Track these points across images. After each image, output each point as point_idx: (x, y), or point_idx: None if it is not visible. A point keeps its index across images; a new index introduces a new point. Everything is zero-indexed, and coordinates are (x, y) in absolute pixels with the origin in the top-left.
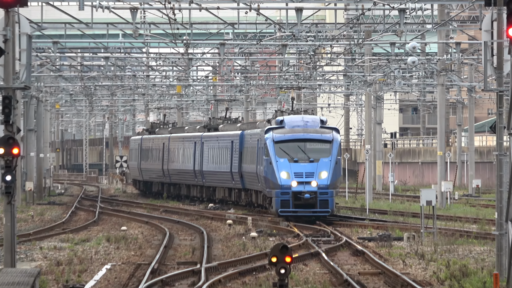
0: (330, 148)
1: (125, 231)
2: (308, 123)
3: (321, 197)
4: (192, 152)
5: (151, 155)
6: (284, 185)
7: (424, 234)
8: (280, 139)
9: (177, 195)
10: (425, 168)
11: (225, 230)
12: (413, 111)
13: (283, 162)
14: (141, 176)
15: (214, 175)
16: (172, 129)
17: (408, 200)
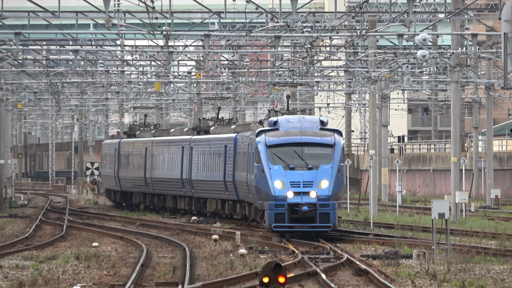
0: (331, 153)
1: (96, 247)
2: (306, 124)
3: (322, 210)
4: (179, 158)
5: (131, 161)
6: (278, 196)
7: (436, 251)
8: (274, 143)
9: (161, 207)
10: (437, 176)
11: (210, 247)
12: (423, 112)
13: (277, 170)
14: (119, 185)
15: (205, 185)
16: (155, 132)
17: (417, 212)
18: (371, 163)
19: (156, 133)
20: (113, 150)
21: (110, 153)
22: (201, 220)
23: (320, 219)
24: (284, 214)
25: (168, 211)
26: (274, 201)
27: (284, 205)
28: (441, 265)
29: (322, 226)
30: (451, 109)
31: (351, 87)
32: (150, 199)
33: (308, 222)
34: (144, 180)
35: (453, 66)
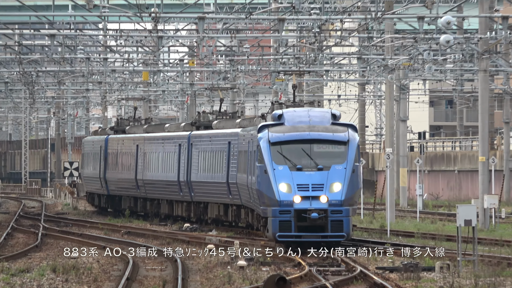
0: (345, 151)
1: (76, 258)
2: (316, 118)
3: (333, 217)
4: (176, 157)
5: (120, 161)
6: (283, 201)
7: (461, 263)
8: (278, 140)
9: (155, 213)
10: (463, 178)
11: (205, 258)
12: (447, 105)
13: (282, 171)
14: (105, 188)
15: (206, 188)
16: (148, 127)
17: (441, 219)
18: (388, 163)
19: (149, 128)
20: (98, 148)
21: (94, 152)
22: (195, 228)
23: (332, 228)
24: (290, 222)
25: (163, 218)
26: (278, 206)
27: (290, 211)
28: (468, 278)
29: (334, 235)
30: (479, 101)
31: (365, 77)
32: (142, 204)
33: (318, 231)
34: (135, 183)
35: (481, 53)
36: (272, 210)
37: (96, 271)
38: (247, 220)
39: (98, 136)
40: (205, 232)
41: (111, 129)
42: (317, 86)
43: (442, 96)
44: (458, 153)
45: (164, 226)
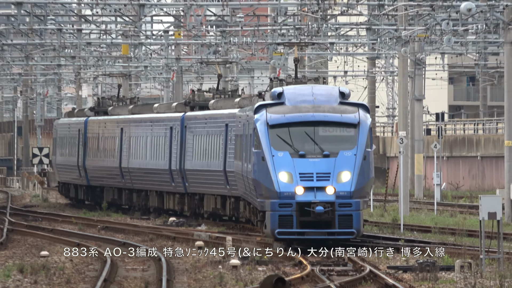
0: (355, 135)
1: (46, 257)
2: (321, 97)
3: (342, 211)
4: (167, 141)
5: (102, 146)
6: (284, 192)
7: (485, 262)
8: (278, 122)
9: (142, 206)
10: (487, 165)
11: (193, 256)
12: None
13: (282, 158)
14: (85, 178)
15: (202, 177)
16: (134, 108)
17: (461, 212)
18: (401, 148)
19: (135, 109)
20: (76, 131)
21: (70, 136)
22: (182, 222)
23: (340, 223)
24: (291, 217)
25: (152, 211)
26: (278, 199)
27: (292, 204)
28: (492, 279)
29: (343, 232)
30: (505, 78)
31: (375, 51)
32: (127, 196)
33: (324, 227)
34: (119, 172)
35: (507, 23)
36: (270, 203)
37: (69, 271)
38: (247, 214)
39: (76, 118)
40: (193, 227)
41: (91, 110)
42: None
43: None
44: (481, 136)
45: (146, 220)
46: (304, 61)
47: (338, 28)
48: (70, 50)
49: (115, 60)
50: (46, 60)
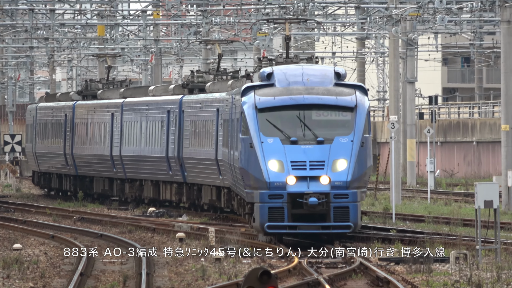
0: (351, 119)
1: (19, 250)
2: (315, 78)
3: (337, 203)
4: (164, 126)
5: (91, 133)
6: (274, 182)
7: (481, 253)
8: (267, 105)
9: (136, 197)
10: (483, 150)
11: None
12: (463, 64)
13: (272, 144)
14: (73, 167)
15: (199, 166)
16: (126, 91)
17: (456, 200)
18: (393, 133)
19: (127, 92)
20: (61, 116)
21: (54, 122)
22: (161, 213)
23: (335, 216)
24: (282, 209)
25: (147, 203)
26: (268, 189)
27: (283, 195)
28: (488, 271)
29: (338, 226)
30: (501, 59)
31: (364, 30)
32: (119, 186)
33: (318, 221)
34: (110, 160)
35: (503, 0)
36: (259, 194)
37: (44, 265)
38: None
39: (62, 103)
40: (174, 217)
41: (78, 94)
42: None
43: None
44: (477, 120)
45: (124, 211)
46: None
47: (325, 6)
48: (43, 31)
49: (90, 41)
50: (18, 42)
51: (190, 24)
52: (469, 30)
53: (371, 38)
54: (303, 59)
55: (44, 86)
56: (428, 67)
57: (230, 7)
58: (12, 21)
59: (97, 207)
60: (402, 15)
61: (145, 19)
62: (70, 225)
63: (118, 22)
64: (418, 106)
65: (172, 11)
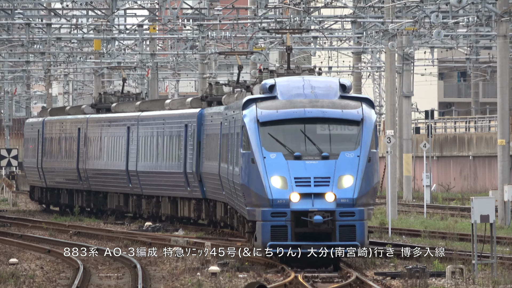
0: (358, 133)
1: (15, 264)
2: (319, 90)
3: (343, 221)
4: (181, 141)
5: (106, 147)
6: (277, 200)
7: (477, 267)
8: (270, 119)
9: (153, 214)
10: (479, 165)
11: (171, 263)
12: (459, 78)
13: (275, 160)
14: (86, 182)
15: (213, 181)
16: (142, 104)
17: (452, 214)
18: (389, 148)
19: (143, 105)
20: (74, 131)
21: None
22: (158, 227)
23: (341, 235)
24: (285, 228)
25: (165, 219)
26: (270, 207)
27: (286, 213)
28: (485, 285)
29: (345, 245)
30: (498, 73)
31: (361, 45)
32: (135, 202)
33: (323, 240)
34: (126, 175)
35: (499, 15)
36: (261, 212)
37: (40, 279)
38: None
39: (72, 116)
40: (170, 232)
41: (92, 107)
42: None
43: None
44: (473, 135)
45: (120, 225)
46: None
47: (321, 21)
48: (39, 45)
49: (87, 56)
50: (14, 57)
51: (187, 38)
52: (465, 44)
53: (368, 52)
54: (305, 70)
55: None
56: (425, 81)
57: (226, 22)
58: (9, 36)
59: (93, 222)
60: (398, 30)
61: (142, 33)
62: (66, 239)
63: (115, 37)
64: (415, 120)
65: (168, 26)
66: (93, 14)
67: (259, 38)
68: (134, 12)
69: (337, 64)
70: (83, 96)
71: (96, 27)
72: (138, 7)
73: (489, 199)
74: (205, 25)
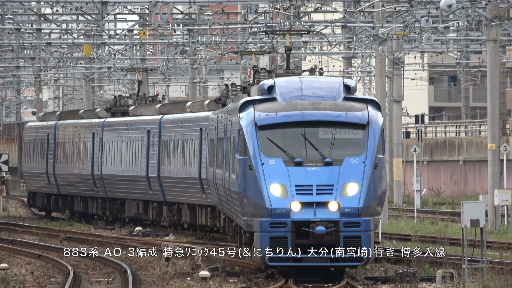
0: (363, 137)
1: (5, 269)
2: (321, 91)
3: (348, 232)
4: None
5: (124, 152)
6: (276, 209)
7: (467, 272)
8: (269, 122)
9: (175, 222)
10: (470, 169)
11: (161, 268)
12: (449, 82)
13: (274, 166)
14: (103, 189)
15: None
16: (162, 107)
17: (443, 219)
18: None
19: (164, 108)
20: (88, 135)
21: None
22: (148, 232)
23: (346, 247)
24: (286, 239)
25: (186, 227)
26: (269, 217)
27: (286, 224)
28: None
29: (349, 258)
30: (488, 78)
31: (351, 49)
32: (156, 209)
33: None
34: (146, 181)
35: (489, 20)
36: (259, 222)
37: (30, 284)
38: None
39: (89, 120)
40: (160, 236)
41: (106, 110)
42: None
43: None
44: (463, 139)
45: (111, 230)
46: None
47: (311, 25)
48: (29, 51)
49: (77, 61)
50: (4, 62)
51: (177, 43)
52: (456, 49)
53: (358, 57)
54: (306, 71)
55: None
56: (415, 86)
57: (216, 27)
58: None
59: (83, 227)
60: (388, 34)
61: (132, 38)
62: (57, 244)
63: (105, 42)
64: (405, 125)
65: (158, 31)
66: (83, 19)
67: (249, 43)
68: (124, 17)
69: (327, 69)
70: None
71: (86, 32)
72: (128, 12)
73: (479, 203)
74: (195, 30)
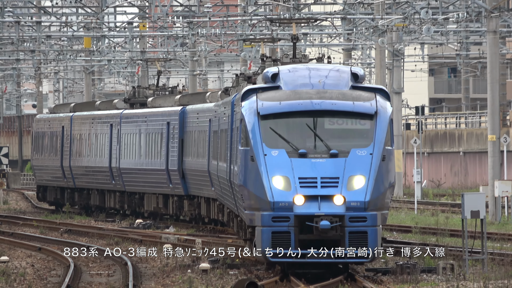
0: (371, 128)
1: (6, 262)
2: (328, 79)
3: (353, 227)
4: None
5: (143, 144)
6: (279, 202)
7: (468, 263)
8: (272, 111)
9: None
10: (470, 161)
11: (162, 260)
12: (450, 74)
13: (277, 158)
14: (120, 182)
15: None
16: (183, 98)
17: (443, 210)
18: None
19: (184, 99)
20: (105, 127)
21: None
22: (149, 224)
23: (351, 243)
24: (288, 234)
25: (207, 221)
26: (271, 211)
27: (289, 218)
28: (475, 281)
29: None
30: (488, 69)
31: (351, 41)
32: (177, 203)
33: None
34: (166, 175)
35: (489, 11)
36: (261, 216)
37: (31, 277)
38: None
39: (106, 111)
40: (161, 229)
41: (125, 102)
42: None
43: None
44: (464, 131)
45: (111, 222)
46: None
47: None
48: (29, 43)
49: (77, 54)
50: (4, 55)
51: (177, 35)
52: (455, 40)
53: (358, 49)
54: (313, 59)
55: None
56: (415, 77)
57: (216, 19)
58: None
59: (84, 219)
60: (388, 26)
61: (132, 31)
62: (57, 237)
63: (105, 34)
64: (405, 116)
65: (158, 23)
66: (83, 12)
67: (249, 35)
68: (124, 10)
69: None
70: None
71: (86, 25)
72: (128, 5)
73: (479, 194)
74: (195, 22)
